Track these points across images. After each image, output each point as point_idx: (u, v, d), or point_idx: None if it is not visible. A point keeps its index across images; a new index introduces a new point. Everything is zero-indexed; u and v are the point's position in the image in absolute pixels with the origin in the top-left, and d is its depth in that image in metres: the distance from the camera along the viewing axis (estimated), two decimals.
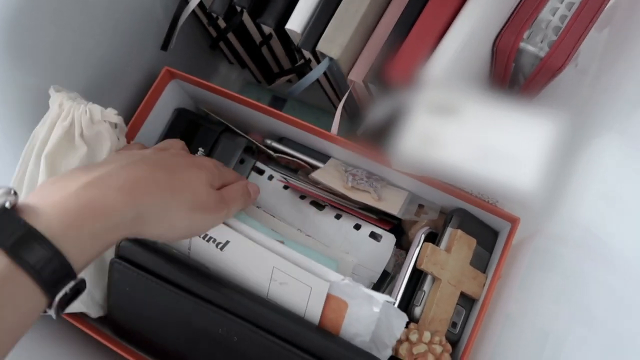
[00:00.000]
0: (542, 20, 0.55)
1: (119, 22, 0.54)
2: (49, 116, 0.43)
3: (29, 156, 0.44)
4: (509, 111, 0.45)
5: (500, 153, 0.43)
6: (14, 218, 0.27)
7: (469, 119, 0.44)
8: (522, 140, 0.43)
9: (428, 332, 0.44)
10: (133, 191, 0.33)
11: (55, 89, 0.44)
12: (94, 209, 0.30)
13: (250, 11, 0.53)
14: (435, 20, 0.49)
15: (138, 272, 0.45)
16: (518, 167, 0.42)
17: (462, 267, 0.49)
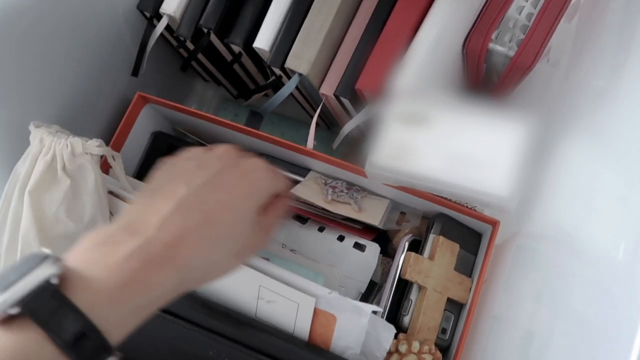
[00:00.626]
0: (509, 19, 0.55)
1: (86, 51, 0.54)
2: (30, 152, 0.43)
3: (11, 192, 0.44)
4: (480, 116, 0.45)
5: (472, 159, 0.43)
6: (56, 293, 0.26)
7: (440, 127, 0.45)
8: (493, 145, 0.43)
9: (417, 342, 0.44)
10: (177, 258, 0.31)
11: (35, 124, 0.45)
12: (136, 284, 0.29)
13: (217, 32, 0.53)
14: (401, 29, 0.49)
15: None
16: (490, 173, 0.42)
17: (447, 273, 0.49)
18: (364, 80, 0.48)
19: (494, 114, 0.45)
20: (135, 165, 0.59)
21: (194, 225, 0.32)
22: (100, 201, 0.45)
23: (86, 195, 0.44)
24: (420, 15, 0.50)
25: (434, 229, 0.51)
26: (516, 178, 0.41)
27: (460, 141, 0.44)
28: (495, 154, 0.42)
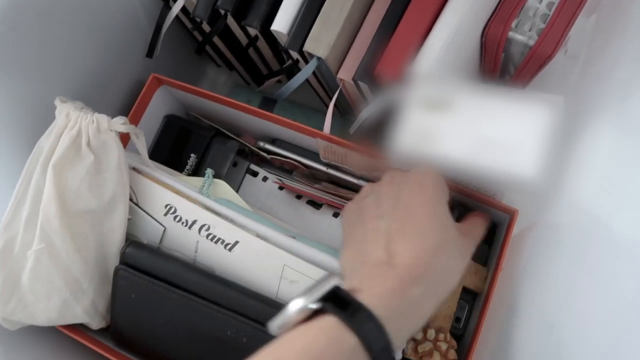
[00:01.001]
0: (529, 8, 0.54)
1: (103, 32, 0.54)
2: (55, 126, 0.43)
3: (34, 167, 0.44)
4: (502, 100, 0.45)
5: (496, 141, 0.42)
6: (360, 305, 0.31)
7: (462, 111, 0.44)
8: (518, 127, 0.43)
9: (432, 330, 0.44)
10: (438, 294, 0.35)
11: (61, 99, 0.44)
12: (397, 296, 0.32)
13: (234, 14, 0.53)
14: (422, 15, 0.49)
15: (143, 278, 0.44)
16: (515, 154, 0.41)
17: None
18: (383, 65, 0.48)
19: (516, 98, 0.45)
20: (148, 147, 0.59)
21: (413, 244, 0.35)
22: (122, 178, 0.45)
23: (109, 172, 0.44)
24: (441, 2, 0.49)
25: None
26: (542, 159, 0.41)
27: (483, 125, 0.43)
28: (520, 136, 0.42)
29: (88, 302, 0.47)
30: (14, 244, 0.45)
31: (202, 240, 0.46)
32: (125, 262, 0.46)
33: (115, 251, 0.47)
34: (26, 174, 0.44)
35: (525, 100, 0.45)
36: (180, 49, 0.67)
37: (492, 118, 0.43)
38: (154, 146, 0.60)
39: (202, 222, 0.46)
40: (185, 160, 0.58)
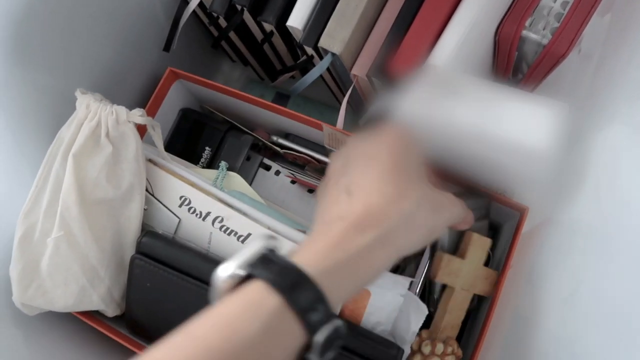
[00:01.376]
0: (543, 7, 0.55)
1: (122, 27, 0.55)
2: (76, 117, 0.44)
3: (54, 156, 0.46)
4: (514, 99, 0.45)
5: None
6: (288, 263, 0.29)
7: (471, 105, 0.44)
8: (526, 127, 0.42)
9: (441, 344, 0.43)
10: (398, 245, 0.32)
11: (81, 91, 0.46)
12: (341, 244, 0.30)
13: (251, 9, 0.54)
14: (436, 12, 0.49)
15: (158, 267, 0.45)
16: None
17: (476, 270, 0.48)
18: (397, 62, 0.48)
19: (527, 98, 0.45)
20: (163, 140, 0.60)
21: (371, 192, 0.33)
22: (139, 169, 0.46)
23: (126, 162, 0.45)
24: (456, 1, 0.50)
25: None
26: (549, 160, 0.40)
27: (491, 121, 0.42)
28: (528, 135, 0.41)
29: (104, 289, 0.48)
30: (34, 231, 0.46)
31: (216, 232, 0.47)
32: (141, 252, 0.47)
33: (131, 240, 0.48)
34: (47, 163, 0.46)
35: (535, 100, 0.44)
36: (196, 43, 0.68)
37: (501, 115, 0.42)
38: (169, 138, 0.61)
39: (215, 214, 0.47)
40: (200, 152, 0.59)
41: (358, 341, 0.41)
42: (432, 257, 0.48)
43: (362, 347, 0.41)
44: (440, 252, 0.47)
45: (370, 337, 0.42)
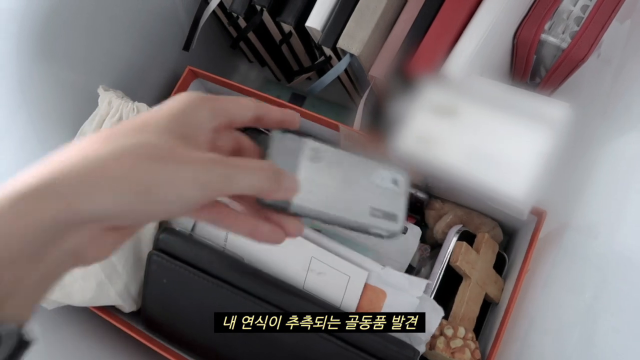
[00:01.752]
0: (563, 11, 0.54)
1: (143, 25, 0.56)
2: (98, 113, 0.45)
3: None
4: (512, 115, 0.45)
5: (494, 158, 0.42)
6: None
7: (468, 121, 0.44)
8: (518, 147, 0.43)
9: (462, 328, 0.44)
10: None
11: (104, 87, 0.46)
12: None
13: (270, 10, 0.54)
14: (456, 15, 0.49)
15: (175, 264, 0.46)
16: (509, 173, 0.41)
17: (488, 269, 0.50)
18: (416, 64, 0.48)
19: (525, 115, 0.45)
20: None
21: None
22: None
23: None
24: (475, 3, 0.50)
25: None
26: (535, 183, 0.41)
27: (485, 138, 0.43)
28: (519, 156, 0.42)
29: (121, 285, 0.48)
30: None
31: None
32: (159, 248, 0.47)
33: (149, 237, 0.48)
34: None
35: (533, 118, 0.45)
36: (214, 43, 0.69)
37: (496, 133, 0.43)
38: None
39: None
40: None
41: (373, 342, 0.42)
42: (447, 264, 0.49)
43: (378, 347, 0.41)
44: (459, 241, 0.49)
45: (385, 338, 0.42)
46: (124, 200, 0.22)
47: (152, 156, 0.23)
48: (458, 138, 0.45)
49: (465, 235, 0.51)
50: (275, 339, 0.45)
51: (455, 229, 0.51)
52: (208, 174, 0.24)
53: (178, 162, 0.24)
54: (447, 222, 0.54)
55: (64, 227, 0.22)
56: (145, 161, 0.23)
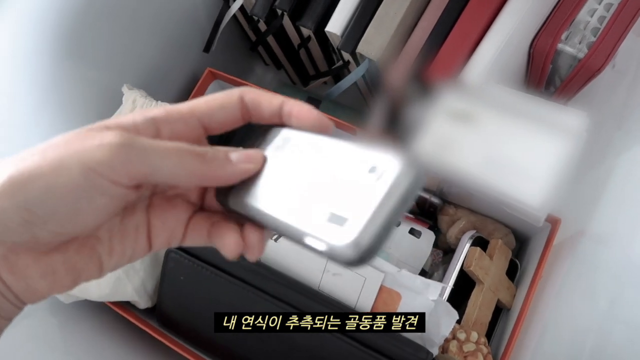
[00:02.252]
0: (580, 21, 0.55)
1: (165, 27, 0.57)
2: (122, 111, 0.46)
3: None
4: (530, 122, 0.45)
5: (511, 164, 0.43)
6: None
7: (485, 128, 0.45)
8: (536, 153, 0.43)
9: (475, 332, 0.45)
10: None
11: (128, 87, 0.47)
12: None
13: (291, 14, 0.55)
14: (475, 22, 0.50)
15: (193, 261, 0.46)
16: (526, 180, 0.42)
17: (500, 275, 0.51)
18: (435, 70, 0.49)
19: (543, 123, 0.45)
20: None
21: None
22: None
23: None
24: (494, 12, 0.50)
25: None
26: (551, 190, 0.41)
27: (502, 145, 0.44)
28: (535, 163, 0.42)
29: (138, 281, 0.49)
30: None
31: None
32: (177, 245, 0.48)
33: None
34: None
35: (552, 125, 0.45)
36: (233, 45, 0.70)
37: (513, 139, 0.44)
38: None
39: None
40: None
41: (387, 343, 0.42)
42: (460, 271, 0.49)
43: (391, 349, 0.42)
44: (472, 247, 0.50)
45: (399, 340, 0.42)
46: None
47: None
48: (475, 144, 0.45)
49: (479, 241, 0.52)
50: (290, 339, 0.45)
51: (469, 234, 0.51)
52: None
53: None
54: (460, 227, 0.54)
55: None
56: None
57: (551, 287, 0.48)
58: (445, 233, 0.56)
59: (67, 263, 0.22)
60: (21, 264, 0.21)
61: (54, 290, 0.22)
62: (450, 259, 0.52)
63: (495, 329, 0.52)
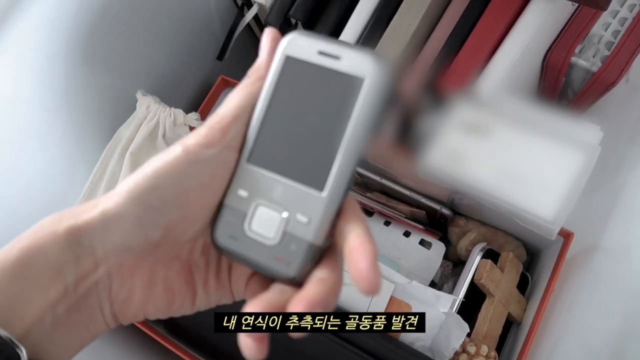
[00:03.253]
0: (594, 35, 0.55)
1: (179, 34, 0.57)
2: (135, 117, 0.46)
3: (111, 153, 0.47)
4: (542, 136, 0.45)
5: (524, 177, 0.43)
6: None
7: (499, 140, 0.45)
8: (548, 167, 0.43)
9: (485, 346, 0.44)
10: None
11: (142, 92, 0.48)
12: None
13: (304, 24, 0.55)
14: (489, 34, 0.50)
15: None
16: (539, 193, 0.42)
17: (511, 289, 0.50)
18: (448, 80, 0.49)
19: (557, 136, 0.45)
20: None
21: None
22: None
23: None
24: (509, 23, 0.50)
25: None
26: (565, 204, 0.41)
27: (516, 157, 0.44)
28: (549, 176, 0.42)
29: None
30: None
31: None
32: None
33: None
34: (103, 160, 0.48)
35: (564, 140, 0.45)
36: (245, 53, 0.70)
37: (526, 152, 0.44)
38: None
39: None
40: None
41: (397, 355, 0.41)
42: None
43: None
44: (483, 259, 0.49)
45: (409, 352, 0.42)
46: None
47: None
48: (488, 156, 0.45)
49: (489, 254, 0.51)
50: (296, 348, 0.45)
51: (479, 247, 0.51)
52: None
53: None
54: (470, 239, 0.54)
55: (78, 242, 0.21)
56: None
57: (563, 301, 0.47)
58: (456, 245, 0.55)
59: (166, 280, 0.23)
60: (129, 273, 0.22)
61: (147, 307, 0.23)
62: (459, 271, 0.52)
63: (505, 343, 0.51)
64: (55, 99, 0.47)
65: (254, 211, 0.22)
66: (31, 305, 0.20)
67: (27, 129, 0.46)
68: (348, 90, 0.21)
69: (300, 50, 0.22)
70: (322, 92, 0.21)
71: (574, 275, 0.48)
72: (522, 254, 0.55)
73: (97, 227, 0.21)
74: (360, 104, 0.20)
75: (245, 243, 0.22)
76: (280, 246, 0.22)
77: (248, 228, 0.22)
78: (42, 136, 0.46)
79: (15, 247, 0.21)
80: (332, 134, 0.21)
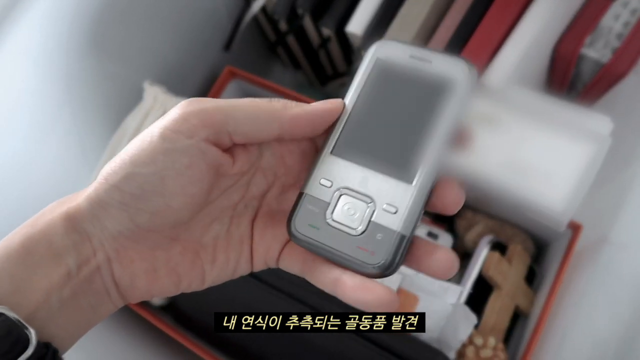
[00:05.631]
0: (604, 26, 0.54)
1: (186, 25, 0.57)
2: (143, 107, 0.46)
3: (118, 143, 0.47)
4: (552, 128, 0.45)
5: (533, 169, 0.42)
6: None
7: (509, 131, 0.44)
8: (558, 159, 0.43)
9: (493, 338, 0.44)
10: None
11: (149, 83, 0.47)
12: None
13: (312, 14, 0.55)
14: (498, 25, 0.49)
15: None
16: (548, 185, 0.41)
17: (519, 282, 0.50)
18: None
19: (567, 127, 0.45)
20: None
21: None
22: None
23: None
24: (518, 14, 0.50)
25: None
26: (574, 196, 0.40)
27: (525, 149, 0.43)
28: (558, 168, 0.42)
29: None
30: None
31: None
32: None
33: None
34: (110, 149, 0.47)
35: (574, 132, 0.44)
36: (251, 45, 0.70)
37: (536, 144, 0.43)
38: None
39: None
40: None
41: (404, 347, 0.41)
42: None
43: (408, 352, 0.41)
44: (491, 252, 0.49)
45: (417, 343, 0.42)
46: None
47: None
48: (498, 147, 0.45)
49: (497, 246, 0.51)
50: (306, 339, 0.45)
51: (487, 239, 0.51)
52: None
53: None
54: (478, 231, 0.54)
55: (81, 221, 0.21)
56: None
57: (571, 294, 0.47)
58: (463, 237, 0.55)
59: (169, 264, 0.23)
60: (127, 259, 0.22)
61: (153, 290, 0.23)
62: (466, 263, 0.52)
63: (512, 336, 0.51)
64: (63, 89, 0.47)
65: (337, 200, 0.22)
66: (36, 290, 0.21)
67: (36, 121, 0.46)
68: (439, 91, 0.22)
69: (392, 54, 0.23)
70: (413, 92, 0.23)
71: (582, 268, 0.48)
72: (529, 247, 0.55)
73: (85, 213, 0.21)
74: (451, 103, 0.22)
75: (327, 232, 0.22)
76: (365, 235, 0.21)
77: (330, 217, 0.22)
78: (48, 127, 0.46)
79: (18, 234, 0.21)
80: (422, 129, 0.22)
